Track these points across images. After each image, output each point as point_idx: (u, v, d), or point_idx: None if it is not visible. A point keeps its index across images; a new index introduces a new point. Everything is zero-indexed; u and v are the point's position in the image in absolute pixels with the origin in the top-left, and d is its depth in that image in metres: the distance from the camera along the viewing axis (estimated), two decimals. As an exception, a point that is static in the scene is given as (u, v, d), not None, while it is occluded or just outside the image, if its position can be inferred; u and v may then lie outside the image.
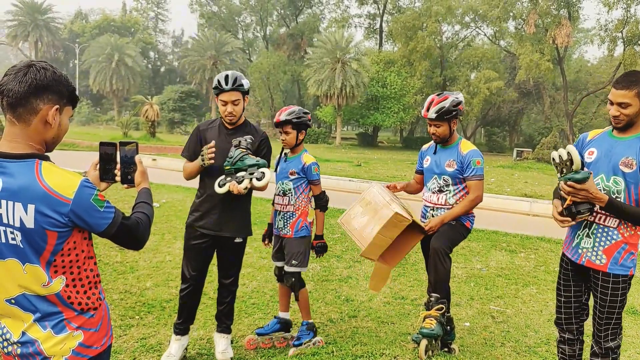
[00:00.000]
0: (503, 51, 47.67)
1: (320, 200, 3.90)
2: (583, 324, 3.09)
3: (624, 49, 35.74)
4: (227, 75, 3.44)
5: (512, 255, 7.32)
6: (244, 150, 3.39)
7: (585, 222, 2.87)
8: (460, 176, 3.71)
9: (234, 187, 3.33)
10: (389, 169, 21.03)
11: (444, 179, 3.73)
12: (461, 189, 3.74)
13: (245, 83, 3.48)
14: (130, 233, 1.82)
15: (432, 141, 3.93)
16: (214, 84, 3.48)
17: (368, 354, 3.78)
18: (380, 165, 23.09)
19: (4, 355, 1.77)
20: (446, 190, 3.74)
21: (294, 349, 3.82)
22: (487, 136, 51.13)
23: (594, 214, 2.79)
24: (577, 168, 2.64)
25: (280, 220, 3.87)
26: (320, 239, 3.86)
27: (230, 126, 3.55)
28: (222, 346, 3.66)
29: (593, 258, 2.83)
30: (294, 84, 53.61)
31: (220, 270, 3.71)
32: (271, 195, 4.09)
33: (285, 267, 3.87)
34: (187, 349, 3.70)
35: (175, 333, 3.62)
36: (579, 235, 2.90)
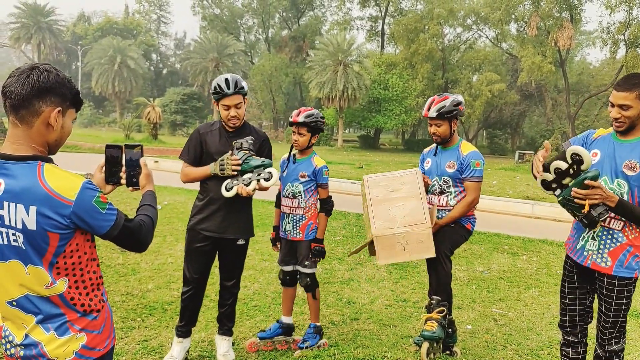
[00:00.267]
0: (505, 54, 47.67)
1: (327, 204, 3.89)
2: (587, 326, 3.08)
3: (626, 52, 35.70)
4: (227, 79, 3.39)
5: (514, 258, 7.31)
6: (247, 152, 3.38)
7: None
8: (460, 177, 3.71)
9: (242, 190, 3.32)
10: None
11: (444, 180, 3.74)
12: (462, 191, 3.73)
13: (245, 85, 3.48)
14: (133, 235, 1.81)
15: (434, 144, 3.94)
16: (214, 89, 3.42)
17: (370, 357, 3.78)
18: (382, 168, 23.07)
19: (7, 357, 1.77)
20: (447, 191, 3.74)
21: (299, 351, 3.82)
22: (489, 138, 51.12)
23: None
24: (588, 166, 2.58)
25: (289, 223, 3.86)
26: (320, 243, 3.85)
27: (231, 129, 3.54)
28: (224, 348, 3.66)
29: (598, 260, 2.82)
30: (296, 86, 53.66)
31: (222, 272, 3.71)
32: (271, 196, 4.09)
33: (300, 269, 3.87)
34: (189, 352, 3.70)
35: (177, 335, 3.62)
36: (584, 237, 2.89)
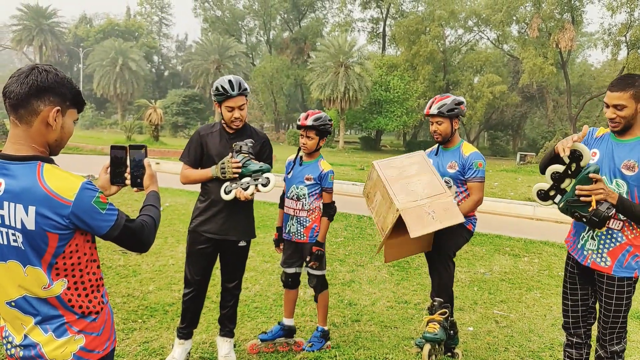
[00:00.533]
0: (506, 55, 47.67)
1: (330, 209, 3.89)
2: (590, 327, 3.07)
3: (628, 53, 35.68)
4: (231, 81, 3.38)
5: (516, 260, 7.29)
6: (246, 155, 3.37)
7: None
8: (461, 178, 3.71)
9: (240, 194, 3.33)
10: (392, 173, 20.97)
11: (445, 181, 3.73)
12: (463, 191, 3.74)
13: (247, 86, 3.49)
14: (134, 236, 1.81)
15: (435, 145, 3.94)
16: (217, 91, 3.39)
17: (371, 359, 3.77)
18: (384, 169, 23.02)
19: (8, 358, 1.78)
20: None
21: (303, 352, 3.82)
22: (491, 140, 51.09)
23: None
24: (587, 161, 2.56)
25: (293, 225, 3.85)
26: (320, 246, 3.83)
27: (231, 131, 3.54)
28: (225, 350, 3.65)
29: (598, 260, 2.82)
30: (297, 88, 53.71)
31: (223, 274, 3.70)
32: (273, 198, 4.08)
33: (308, 271, 3.88)
34: (190, 353, 3.69)
35: (179, 337, 3.62)
36: (583, 237, 2.89)
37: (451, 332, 3.81)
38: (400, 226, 3.32)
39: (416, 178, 3.49)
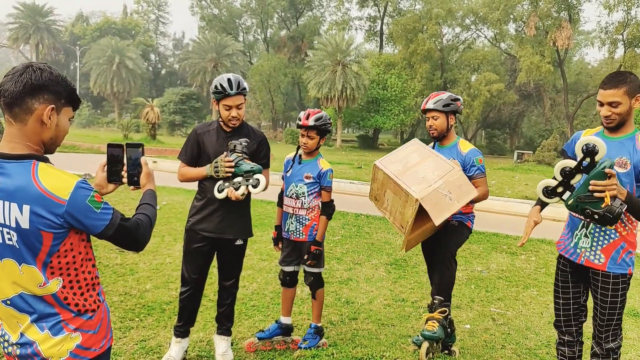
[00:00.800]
0: (503, 53, 47.67)
1: (328, 207, 3.89)
2: (582, 325, 3.09)
3: (625, 52, 35.72)
4: (230, 80, 3.37)
5: (513, 258, 7.31)
6: (239, 155, 3.37)
7: (583, 222, 2.86)
8: None
9: (231, 194, 3.34)
10: (389, 171, 20.97)
11: None
12: None
13: (246, 85, 3.48)
14: (130, 235, 1.81)
15: (431, 143, 3.95)
16: (215, 89, 3.39)
17: (368, 356, 3.78)
18: (381, 168, 23.04)
19: (6, 356, 1.78)
20: None
21: (299, 350, 3.82)
22: (488, 138, 51.12)
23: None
24: (603, 155, 2.52)
25: (291, 223, 3.86)
26: (319, 245, 3.83)
27: (228, 129, 3.54)
28: (222, 348, 3.66)
29: (592, 258, 2.83)
30: (295, 86, 53.64)
31: (220, 272, 3.70)
32: (270, 196, 4.08)
33: (305, 268, 3.88)
34: (187, 351, 3.70)
35: (176, 335, 3.62)
36: (576, 235, 2.90)
37: (448, 330, 3.82)
38: (418, 216, 3.33)
39: (421, 164, 3.49)
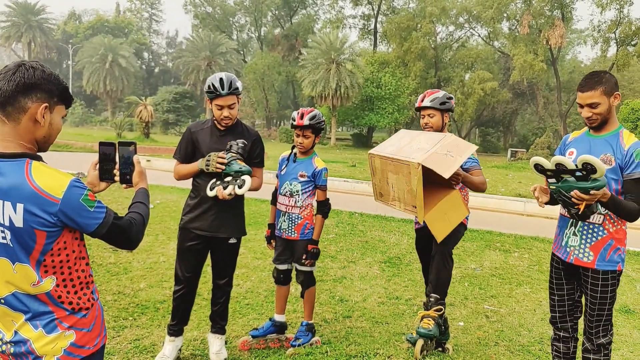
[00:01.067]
0: (497, 52, 47.85)
1: (324, 206, 3.89)
2: (577, 321, 3.12)
3: (617, 50, 35.96)
4: (222, 79, 3.37)
5: (506, 255, 7.35)
6: (234, 155, 3.37)
7: (571, 221, 2.90)
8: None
9: (220, 193, 3.34)
10: (383, 170, 21.00)
11: None
12: (462, 185, 3.75)
13: (239, 85, 3.46)
14: (123, 233, 1.81)
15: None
16: (208, 88, 3.40)
17: (362, 354, 3.79)
18: (375, 166, 23.06)
19: (0, 354, 1.78)
20: None
21: (292, 349, 3.82)
22: (482, 136, 51.33)
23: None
24: (601, 175, 2.57)
25: (284, 221, 3.85)
26: (315, 244, 3.83)
27: (222, 127, 3.53)
28: (216, 347, 3.65)
29: (581, 256, 2.87)
30: (289, 84, 53.61)
31: (214, 271, 3.70)
32: (264, 195, 4.08)
33: (297, 266, 3.88)
34: (181, 350, 3.69)
35: (169, 334, 3.61)
36: (566, 234, 2.95)
37: (442, 328, 3.83)
38: (428, 190, 3.28)
39: (414, 141, 3.48)
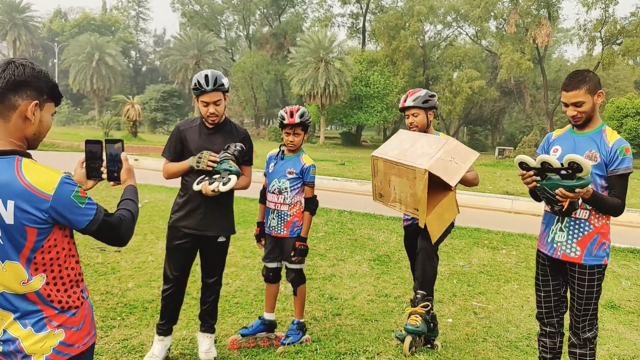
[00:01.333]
0: (485, 51, 48.15)
1: (312, 203, 3.89)
2: (563, 316, 3.16)
3: (603, 48, 36.38)
4: (207, 76, 3.38)
5: (494, 252, 7.41)
6: (228, 156, 3.38)
7: (557, 217, 2.94)
8: None
9: (204, 188, 3.34)
10: (372, 168, 21.05)
11: None
12: None
13: (225, 82, 3.46)
14: (113, 230, 1.82)
15: None
16: (194, 85, 3.42)
17: (351, 351, 3.80)
18: (364, 164, 23.13)
19: None
20: None
21: (282, 347, 3.82)
22: (470, 135, 51.65)
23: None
24: (587, 174, 2.61)
25: (273, 218, 3.85)
26: (303, 241, 3.83)
27: (211, 125, 3.53)
28: (206, 346, 3.64)
29: (568, 251, 2.91)
30: (278, 83, 53.50)
31: (203, 269, 3.69)
32: (253, 193, 4.07)
33: (287, 264, 3.88)
34: (170, 350, 3.68)
35: (158, 334, 3.59)
36: (553, 230, 2.99)
37: (431, 325, 3.86)
38: (429, 193, 3.32)
39: (416, 144, 3.50)
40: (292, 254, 3.80)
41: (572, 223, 2.89)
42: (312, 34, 41.67)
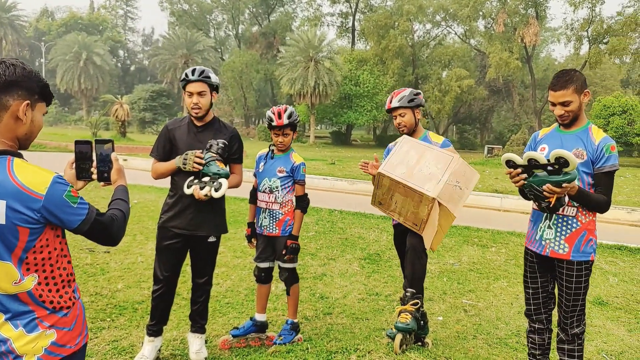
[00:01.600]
0: (473, 50, 48.41)
1: (303, 201, 3.89)
2: (551, 313, 3.20)
3: (589, 47, 36.73)
4: (195, 68, 3.46)
5: (484, 250, 7.45)
6: (213, 155, 3.36)
7: (546, 215, 2.97)
8: None
9: (196, 193, 3.33)
10: (362, 167, 21.09)
11: None
12: None
13: (213, 77, 3.48)
14: (105, 230, 1.82)
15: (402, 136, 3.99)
16: (181, 77, 3.49)
17: (342, 350, 3.80)
18: (354, 164, 23.16)
19: None
20: None
21: (274, 346, 3.81)
22: (459, 133, 51.92)
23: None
24: (573, 168, 2.63)
25: (265, 218, 3.84)
26: (295, 240, 3.84)
27: (199, 123, 3.52)
28: (196, 346, 3.63)
29: (556, 248, 2.95)
30: (267, 82, 53.39)
31: (193, 269, 3.67)
32: (244, 193, 4.06)
33: (280, 264, 3.87)
34: (161, 350, 3.66)
35: (148, 334, 3.58)
36: (541, 227, 3.02)
37: (421, 322, 3.88)
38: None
39: (422, 161, 3.51)
40: (284, 252, 3.80)
41: (560, 220, 2.93)
42: (302, 33, 41.62)
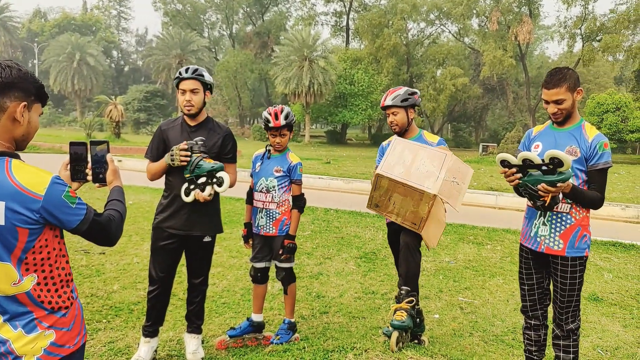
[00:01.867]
0: (467, 48, 48.52)
1: (299, 201, 3.89)
2: (547, 309, 3.22)
3: (583, 45, 36.89)
4: (189, 67, 3.46)
5: (479, 248, 7.47)
6: (199, 155, 3.35)
7: (540, 212, 2.99)
8: None
9: (199, 196, 3.33)
10: (358, 166, 21.14)
11: None
12: None
13: (207, 76, 3.48)
14: (103, 230, 1.83)
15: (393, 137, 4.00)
16: (175, 76, 3.49)
17: (339, 349, 3.80)
18: (350, 162, 23.21)
19: None
20: None
21: (271, 345, 3.81)
22: (454, 132, 52.02)
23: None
24: (568, 168, 2.65)
25: (262, 217, 3.84)
26: (292, 239, 3.83)
27: (192, 123, 3.51)
28: (193, 347, 3.63)
29: (551, 244, 2.97)
30: (262, 82, 53.33)
31: (189, 270, 3.67)
32: (239, 193, 4.05)
33: (276, 263, 3.87)
34: (157, 351, 3.65)
35: (144, 335, 3.57)
36: (535, 224, 3.04)
37: (417, 320, 3.88)
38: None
39: (417, 159, 3.53)
40: (281, 252, 3.79)
41: (555, 217, 2.95)
42: (296, 33, 41.60)
